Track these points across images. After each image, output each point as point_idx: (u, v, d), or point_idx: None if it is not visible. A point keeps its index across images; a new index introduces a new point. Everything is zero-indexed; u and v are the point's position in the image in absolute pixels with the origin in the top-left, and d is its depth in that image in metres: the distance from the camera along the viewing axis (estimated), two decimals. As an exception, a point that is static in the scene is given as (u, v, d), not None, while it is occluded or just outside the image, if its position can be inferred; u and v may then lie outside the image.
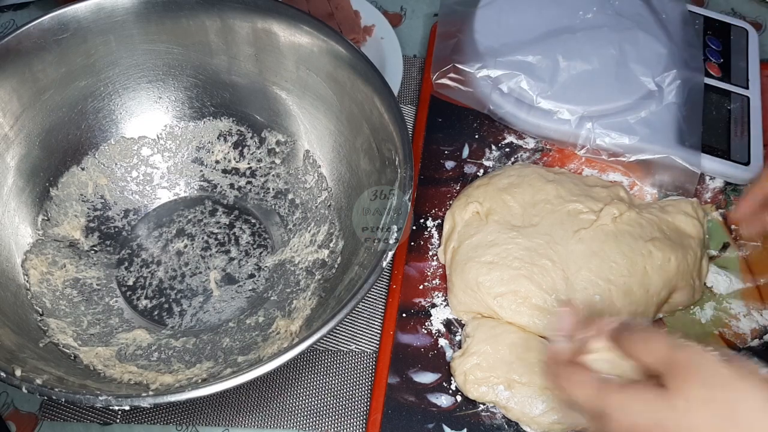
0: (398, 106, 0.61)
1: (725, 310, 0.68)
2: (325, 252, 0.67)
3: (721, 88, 0.78)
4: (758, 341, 0.66)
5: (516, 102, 0.75)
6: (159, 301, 0.67)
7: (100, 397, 0.49)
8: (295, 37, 0.66)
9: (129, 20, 0.66)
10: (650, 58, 0.77)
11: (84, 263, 0.68)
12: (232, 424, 0.64)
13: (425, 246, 0.71)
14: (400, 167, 0.59)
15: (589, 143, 0.74)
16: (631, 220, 0.67)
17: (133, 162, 0.72)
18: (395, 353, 0.65)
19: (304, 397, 0.65)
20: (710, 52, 0.81)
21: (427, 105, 0.79)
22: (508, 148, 0.77)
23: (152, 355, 0.63)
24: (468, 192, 0.71)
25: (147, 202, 0.72)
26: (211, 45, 0.69)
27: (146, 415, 0.64)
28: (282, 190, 0.72)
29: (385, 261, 0.54)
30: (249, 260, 0.69)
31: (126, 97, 0.71)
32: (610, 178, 0.74)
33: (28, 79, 0.64)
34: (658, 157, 0.72)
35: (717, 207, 0.74)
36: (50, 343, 0.60)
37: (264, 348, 0.62)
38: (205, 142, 0.74)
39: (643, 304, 0.64)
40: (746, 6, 0.91)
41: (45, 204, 0.68)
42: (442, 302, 0.68)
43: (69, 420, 0.64)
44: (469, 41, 0.79)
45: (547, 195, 0.69)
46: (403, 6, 0.91)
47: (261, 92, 0.71)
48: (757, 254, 0.71)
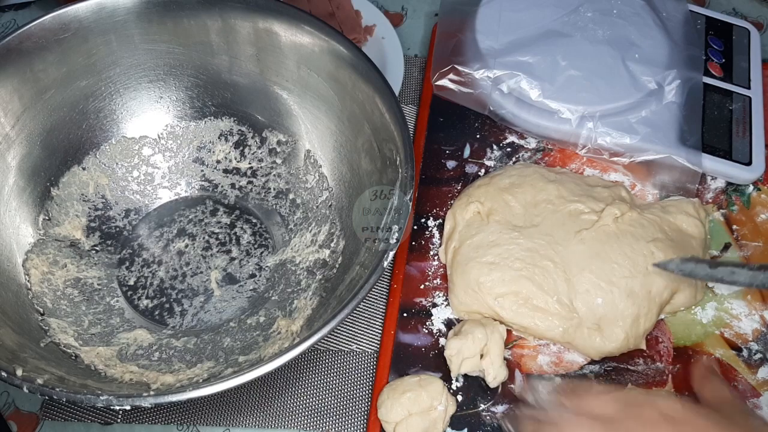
0: (399, 106, 0.61)
1: (726, 311, 0.68)
2: (326, 252, 0.67)
3: (723, 88, 0.78)
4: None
5: (516, 102, 0.75)
6: (160, 301, 0.67)
7: (101, 396, 0.49)
8: (297, 36, 0.66)
9: (130, 20, 0.66)
10: (651, 57, 0.77)
11: (85, 263, 0.68)
12: (233, 423, 0.64)
13: (426, 246, 0.71)
14: (401, 167, 0.59)
15: (590, 143, 0.74)
16: (633, 220, 0.67)
17: (134, 162, 0.72)
18: (396, 353, 0.65)
19: (305, 397, 0.65)
20: (712, 52, 0.81)
21: (429, 105, 0.79)
22: (509, 147, 0.77)
23: (153, 354, 0.63)
24: (469, 192, 0.71)
25: (148, 201, 0.72)
26: (212, 45, 0.69)
27: (147, 414, 0.64)
28: (283, 190, 0.72)
29: (386, 261, 0.54)
30: (250, 260, 0.69)
31: (127, 96, 0.71)
32: (611, 178, 0.74)
33: (30, 78, 0.64)
34: (660, 156, 0.72)
35: (718, 207, 0.74)
36: (51, 343, 0.60)
37: (265, 348, 0.62)
38: (206, 142, 0.74)
39: (646, 305, 0.64)
40: (747, 6, 0.91)
41: (46, 204, 0.68)
42: (443, 302, 0.68)
43: (70, 420, 0.64)
44: (469, 41, 0.79)
45: (548, 195, 0.69)
46: (404, 5, 0.91)
47: (262, 92, 0.71)
48: (758, 254, 0.71)
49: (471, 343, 0.62)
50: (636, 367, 0.64)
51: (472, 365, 0.62)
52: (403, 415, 0.60)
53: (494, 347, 0.62)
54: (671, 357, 0.65)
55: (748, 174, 0.73)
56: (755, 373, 0.64)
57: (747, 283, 0.56)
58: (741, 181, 0.74)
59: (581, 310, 0.64)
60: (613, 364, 0.64)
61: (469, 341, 0.62)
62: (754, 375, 0.64)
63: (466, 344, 0.62)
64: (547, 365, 0.64)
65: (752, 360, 0.65)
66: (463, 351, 0.62)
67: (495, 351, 0.62)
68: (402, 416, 0.60)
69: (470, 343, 0.62)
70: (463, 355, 0.62)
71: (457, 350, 0.62)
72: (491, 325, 0.63)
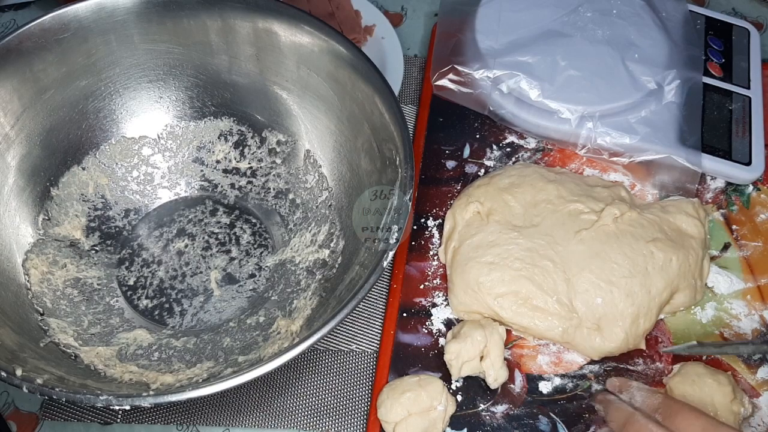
0: (399, 106, 0.61)
1: (726, 310, 0.68)
2: (325, 252, 0.67)
3: (723, 88, 0.78)
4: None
5: (516, 102, 0.75)
6: (159, 301, 0.67)
7: (101, 396, 0.49)
8: (296, 36, 0.66)
9: (130, 20, 0.66)
10: (650, 57, 0.77)
11: (85, 263, 0.68)
12: (232, 423, 0.64)
13: (426, 245, 0.71)
14: (401, 167, 0.59)
15: (589, 143, 0.74)
16: (633, 220, 0.67)
17: (134, 162, 0.72)
18: (396, 353, 0.65)
19: (304, 397, 0.65)
20: (712, 52, 0.81)
21: (429, 105, 0.79)
22: (509, 147, 0.77)
23: (153, 354, 0.63)
24: (469, 192, 0.71)
25: (148, 201, 0.72)
26: (211, 45, 0.69)
27: (147, 414, 0.64)
28: (283, 190, 0.72)
29: (386, 261, 0.54)
30: (250, 260, 0.69)
31: (127, 96, 0.71)
32: (611, 178, 0.74)
33: (29, 78, 0.64)
34: (659, 156, 0.72)
35: (718, 207, 0.74)
36: (51, 343, 0.60)
37: (265, 348, 0.62)
38: (206, 142, 0.74)
39: (645, 305, 0.64)
40: (747, 6, 0.91)
41: (46, 204, 0.68)
42: (442, 302, 0.68)
43: (69, 420, 0.64)
44: (469, 41, 0.79)
45: (548, 195, 0.69)
46: (403, 5, 0.91)
47: (262, 92, 0.71)
48: (757, 254, 0.71)
49: (470, 346, 0.62)
50: (635, 367, 0.64)
51: (472, 368, 0.62)
52: (402, 415, 0.60)
53: (494, 349, 0.62)
54: (671, 357, 0.65)
55: (748, 174, 0.73)
56: (755, 373, 0.64)
57: (752, 353, 0.65)
58: (740, 181, 0.74)
59: (581, 310, 0.64)
60: (612, 364, 0.64)
61: (468, 344, 0.62)
62: (754, 375, 0.64)
63: (465, 347, 0.62)
64: (547, 365, 0.65)
65: (752, 360, 0.65)
66: (462, 355, 0.62)
67: (495, 352, 0.62)
68: (402, 416, 0.60)
69: (469, 346, 0.62)
70: (463, 359, 0.62)
71: (456, 354, 0.62)
72: (490, 326, 0.63)
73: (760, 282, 0.69)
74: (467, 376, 0.64)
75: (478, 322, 0.64)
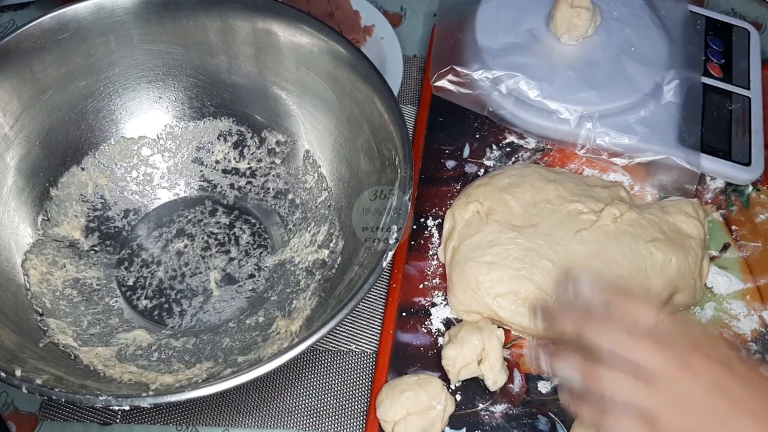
0: (398, 106, 0.61)
1: (725, 311, 0.68)
2: (325, 252, 0.67)
3: (723, 89, 0.78)
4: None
5: (515, 102, 0.75)
6: (159, 301, 0.67)
7: (100, 397, 0.49)
8: (295, 37, 0.66)
9: (129, 20, 0.66)
10: (650, 57, 0.77)
11: (84, 263, 0.68)
12: (232, 424, 0.64)
13: (425, 245, 0.71)
14: (400, 167, 0.59)
15: (589, 143, 0.74)
16: (632, 220, 0.67)
17: (133, 162, 0.72)
18: (395, 352, 0.65)
19: (304, 397, 0.65)
20: (712, 52, 0.81)
21: (428, 104, 0.79)
22: (508, 147, 0.77)
23: (152, 355, 0.63)
24: (468, 191, 0.71)
25: (147, 202, 0.72)
26: (211, 45, 0.69)
27: (146, 415, 0.64)
28: (282, 190, 0.72)
29: (385, 261, 0.54)
30: (249, 260, 0.69)
31: (126, 97, 0.71)
32: (610, 178, 0.74)
33: (28, 79, 0.64)
34: (659, 157, 0.72)
35: (717, 208, 0.74)
36: (50, 343, 0.60)
37: (264, 348, 0.62)
38: (205, 142, 0.74)
39: (644, 304, 0.64)
40: (746, 6, 0.91)
41: (45, 204, 0.68)
42: (442, 301, 0.68)
43: (69, 420, 0.64)
44: (468, 41, 0.79)
45: (547, 195, 0.69)
46: (403, 6, 0.91)
47: (261, 92, 0.71)
48: (757, 255, 0.71)
49: (467, 351, 0.61)
50: (635, 367, 0.64)
51: (470, 372, 0.62)
52: (401, 415, 0.60)
53: (492, 352, 0.62)
54: (670, 357, 0.65)
55: (747, 174, 0.73)
56: (754, 373, 0.64)
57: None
58: (740, 181, 0.74)
59: (580, 310, 0.64)
60: (612, 364, 0.64)
61: (465, 349, 0.61)
62: (753, 375, 0.64)
63: (462, 353, 0.61)
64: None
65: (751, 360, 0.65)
66: (460, 360, 0.61)
67: (494, 356, 0.62)
68: (401, 415, 0.60)
69: (466, 351, 0.61)
70: (460, 365, 0.62)
71: (452, 360, 0.62)
72: (488, 329, 0.63)
73: (759, 282, 0.69)
74: (467, 377, 0.64)
75: (475, 324, 0.64)
